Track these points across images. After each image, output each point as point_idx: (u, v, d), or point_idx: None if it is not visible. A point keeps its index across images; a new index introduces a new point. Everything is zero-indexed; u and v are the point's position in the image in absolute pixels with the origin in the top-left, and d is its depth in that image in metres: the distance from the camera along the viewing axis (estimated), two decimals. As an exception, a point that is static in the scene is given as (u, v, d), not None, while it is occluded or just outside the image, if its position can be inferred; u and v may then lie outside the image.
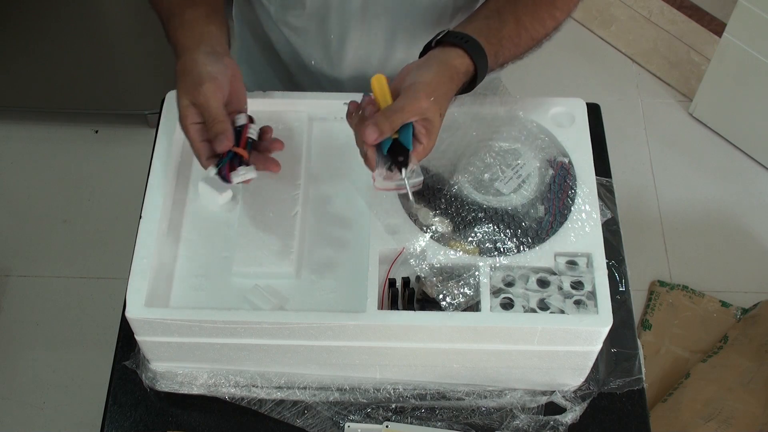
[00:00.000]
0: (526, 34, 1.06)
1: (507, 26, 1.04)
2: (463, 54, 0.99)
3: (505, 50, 1.04)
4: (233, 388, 1.06)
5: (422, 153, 0.95)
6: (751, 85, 2.21)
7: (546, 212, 1.04)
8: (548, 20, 1.07)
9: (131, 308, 0.96)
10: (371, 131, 0.92)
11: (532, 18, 1.06)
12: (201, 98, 0.95)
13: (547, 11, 1.07)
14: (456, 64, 0.98)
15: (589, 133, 1.09)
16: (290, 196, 1.07)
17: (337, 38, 1.20)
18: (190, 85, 0.96)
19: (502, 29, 1.04)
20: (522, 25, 1.05)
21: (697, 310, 2.09)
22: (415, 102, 0.93)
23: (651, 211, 2.27)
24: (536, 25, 1.06)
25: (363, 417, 1.05)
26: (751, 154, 2.36)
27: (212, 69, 0.97)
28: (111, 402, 1.07)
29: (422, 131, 0.94)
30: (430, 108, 0.93)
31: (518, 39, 1.05)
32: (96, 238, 2.20)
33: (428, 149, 0.96)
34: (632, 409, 1.07)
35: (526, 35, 1.06)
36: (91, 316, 2.08)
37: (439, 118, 0.95)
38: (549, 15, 1.07)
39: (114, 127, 2.39)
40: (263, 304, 1.00)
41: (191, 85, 0.96)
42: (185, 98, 0.96)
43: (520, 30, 1.05)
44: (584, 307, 0.97)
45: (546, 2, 1.07)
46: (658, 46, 2.59)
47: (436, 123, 0.95)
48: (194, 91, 0.96)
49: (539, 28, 1.07)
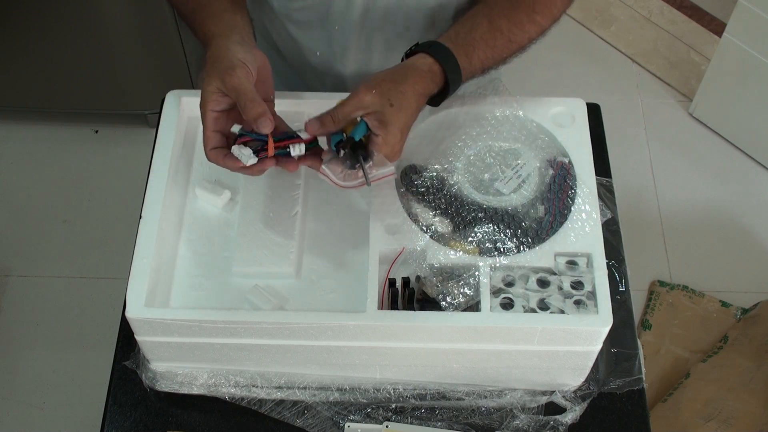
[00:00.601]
0: (502, 36, 1.07)
1: (479, 29, 1.06)
2: (425, 56, 1.01)
3: (478, 51, 1.05)
4: (233, 388, 1.06)
5: (383, 144, 0.96)
6: (751, 85, 2.21)
7: (546, 212, 1.04)
8: (528, 24, 1.09)
9: (131, 308, 0.96)
10: (312, 123, 0.96)
11: (509, 21, 1.07)
12: (235, 80, 0.95)
13: (525, 15, 1.08)
14: (416, 64, 1.01)
15: (589, 133, 1.09)
16: (290, 196, 1.07)
17: (341, 29, 1.20)
18: (221, 69, 0.96)
19: (474, 32, 1.06)
20: (496, 27, 1.07)
21: (697, 310, 2.09)
22: (354, 96, 0.96)
23: (651, 211, 2.27)
24: (513, 29, 1.08)
25: (363, 417, 1.05)
26: (751, 154, 2.36)
27: (244, 57, 0.97)
28: (111, 402, 1.07)
29: (375, 124, 0.96)
30: (375, 101, 0.96)
31: (493, 41, 1.06)
32: (96, 238, 2.20)
33: (389, 141, 0.97)
34: (632, 409, 1.07)
35: (502, 38, 1.07)
36: (91, 316, 2.08)
37: (390, 109, 0.96)
38: (528, 19, 1.08)
39: (114, 127, 2.39)
40: (263, 304, 1.00)
41: (223, 69, 0.96)
42: (214, 83, 0.96)
43: (495, 32, 1.07)
44: (584, 307, 0.97)
45: (524, 6, 1.08)
46: (658, 46, 2.59)
47: (387, 113, 0.96)
48: (227, 74, 0.95)
49: (517, 32, 1.08)
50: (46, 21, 2.06)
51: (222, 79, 0.95)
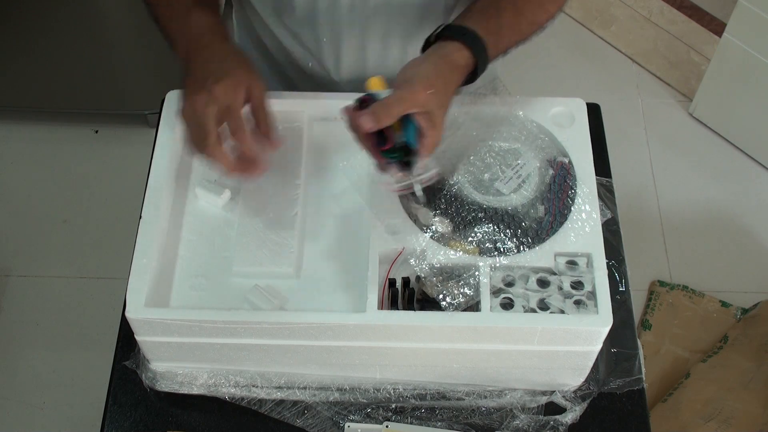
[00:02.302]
0: (525, 20, 1.06)
1: (505, 14, 1.04)
2: (462, 47, 0.99)
3: (504, 39, 1.04)
4: (233, 388, 1.06)
5: (429, 146, 0.94)
6: (751, 85, 2.21)
7: (546, 212, 1.04)
8: (548, 4, 1.08)
9: (131, 308, 0.96)
10: (367, 119, 0.91)
11: (531, 3, 1.06)
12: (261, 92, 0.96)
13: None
14: (455, 58, 0.98)
15: (589, 133, 1.09)
16: (290, 196, 1.07)
17: (330, 41, 1.20)
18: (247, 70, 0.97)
19: (501, 18, 1.04)
20: (520, 11, 1.05)
21: (697, 310, 2.09)
22: (412, 93, 0.92)
23: (651, 211, 2.27)
24: (536, 9, 1.07)
25: (363, 417, 1.05)
26: (751, 154, 2.36)
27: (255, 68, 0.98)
28: (111, 402, 1.07)
29: (425, 124, 0.93)
30: (430, 100, 0.92)
31: (518, 26, 1.05)
32: (96, 238, 2.20)
33: (435, 142, 0.94)
34: (632, 409, 1.07)
35: (526, 21, 1.06)
36: (91, 316, 2.08)
37: (440, 110, 0.94)
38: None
39: (114, 127, 2.39)
40: (263, 304, 1.00)
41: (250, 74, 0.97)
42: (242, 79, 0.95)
43: (519, 17, 1.05)
44: (584, 307, 0.97)
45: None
46: (658, 46, 2.59)
47: (438, 115, 0.94)
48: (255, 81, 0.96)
49: (540, 12, 1.07)
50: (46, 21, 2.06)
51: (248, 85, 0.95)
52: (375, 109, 0.91)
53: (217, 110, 0.93)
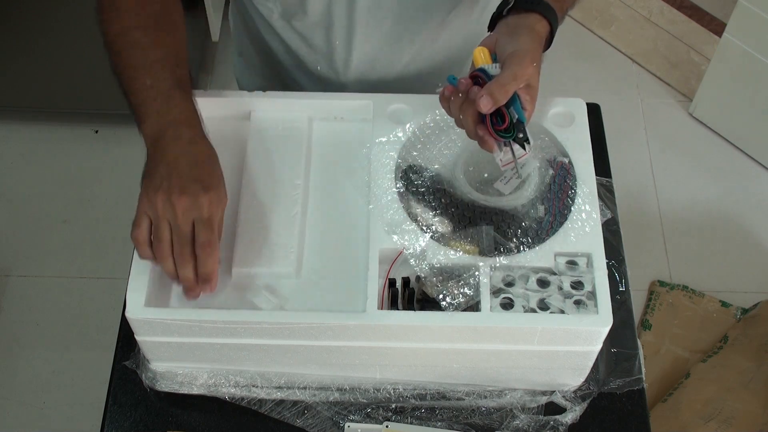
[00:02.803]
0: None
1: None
2: (541, 18, 1.00)
3: (566, 3, 1.06)
4: (233, 388, 1.06)
5: (529, 119, 0.96)
6: (751, 85, 2.21)
7: (546, 212, 1.04)
8: None
9: (131, 308, 0.96)
10: (486, 101, 0.91)
11: None
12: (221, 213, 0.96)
13: None
14: (539, 29, 0.99)
15: (589, 133, 1.09)
16: (290, 196, 1.07)
17: (342, 44, 1.19)
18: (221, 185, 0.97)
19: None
20: None
21: (697, 310, 2.09)
22: (523, 69, 0.93)
23: (651, 211, 2.27)
24: None
25: (363, 417, 1.05)
26: (751, 154, 2.36)
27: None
28: (111, 402, 1.07)
29: (527, 98, 0.95)
30: (534, 74, 0.95)
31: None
32: (96, 238, 2.20)
33: (531, 116, 0.96)
34: (632, 409, 1.07)
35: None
36: (91, 316, 2.08)
37: (538, 83, 0.96)
38: None
39: (114, 127, 2.39)
40: (263, 304, 1.00)
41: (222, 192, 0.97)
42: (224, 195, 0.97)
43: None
44: (584, 307, 0.97)
45: None
46: (658, 46, 2.59)
47: (536, 87, 0.96)
48: (222, 201, 0.97)
49: None
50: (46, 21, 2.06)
51: (209, 203, 0.95)
52: (491, 89, 0.92)
53: (173, 221, 0.94)
